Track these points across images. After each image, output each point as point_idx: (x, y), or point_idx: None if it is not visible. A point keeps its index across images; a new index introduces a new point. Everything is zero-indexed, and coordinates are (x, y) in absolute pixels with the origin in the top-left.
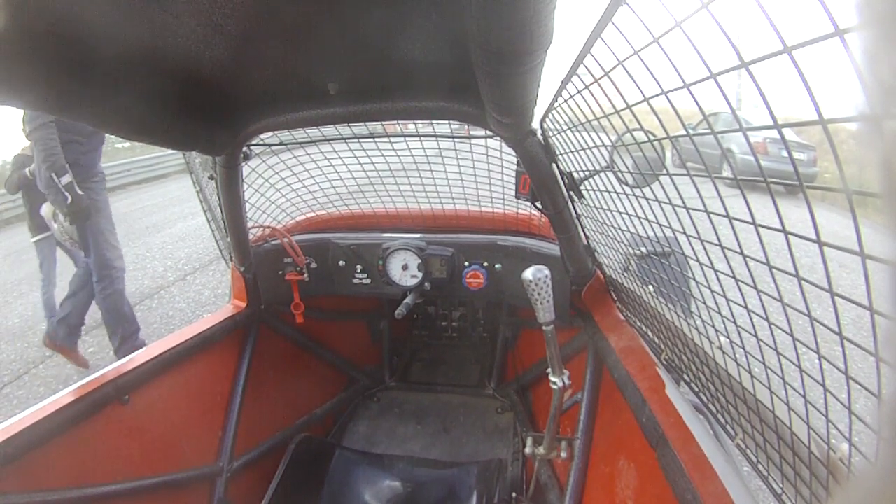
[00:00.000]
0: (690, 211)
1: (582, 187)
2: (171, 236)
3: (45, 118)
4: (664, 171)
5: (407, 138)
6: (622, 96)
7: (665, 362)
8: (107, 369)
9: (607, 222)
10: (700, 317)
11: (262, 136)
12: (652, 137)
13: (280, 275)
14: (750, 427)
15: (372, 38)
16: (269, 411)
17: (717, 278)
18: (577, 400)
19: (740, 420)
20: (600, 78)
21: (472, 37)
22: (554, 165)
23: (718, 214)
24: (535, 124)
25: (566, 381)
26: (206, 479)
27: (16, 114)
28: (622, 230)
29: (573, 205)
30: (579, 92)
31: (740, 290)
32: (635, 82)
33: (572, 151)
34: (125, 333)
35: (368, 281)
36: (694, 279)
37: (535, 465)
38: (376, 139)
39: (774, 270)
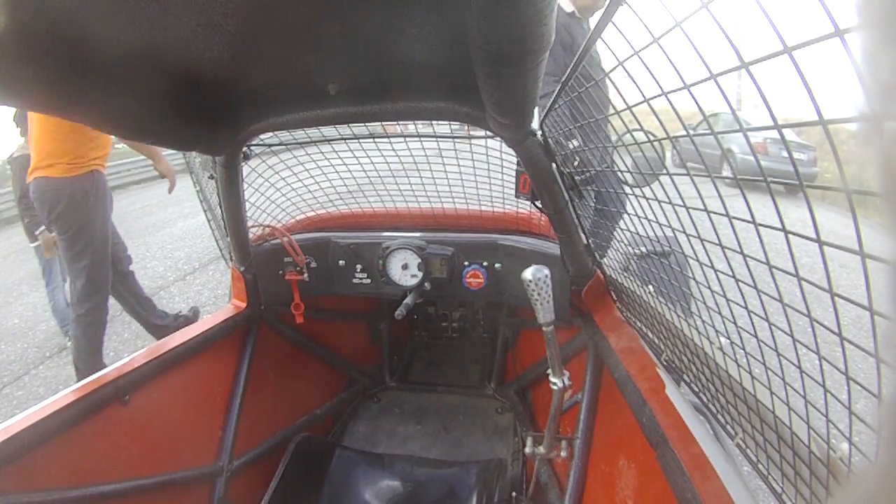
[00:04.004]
0: (690, 211)
1: (582, 187)
2: (170, 236)
3: None
4: (664, 171)
5: (407, 138)
6: (622, 96)
7: (665, 363)
8: (107, 369)
9: None
10: (700, 317)
11: (262, 136)
12: (652, 137)
13: (280, 275)
14: (750, 427)
15: (372, 39)
16: (269, 411)
17: (717, 278)
18: (577, 400)
19: (740, 420)
20: (600, 78)
21: (473, 37)
22: (554, 165)
23: (718, 214)
24: (535, 124)
25: (566, 382)
26: (206, 478)
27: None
28: (622, 230)
29: (573, 204)
30: (579, 92)
31: (740, 290)
32: (635, 82)
33: (572, 151)
34: None
35: (368, 281)
36: (694, 279)
37: (534, 464)
38: (376, 139)
39: (774, 270)
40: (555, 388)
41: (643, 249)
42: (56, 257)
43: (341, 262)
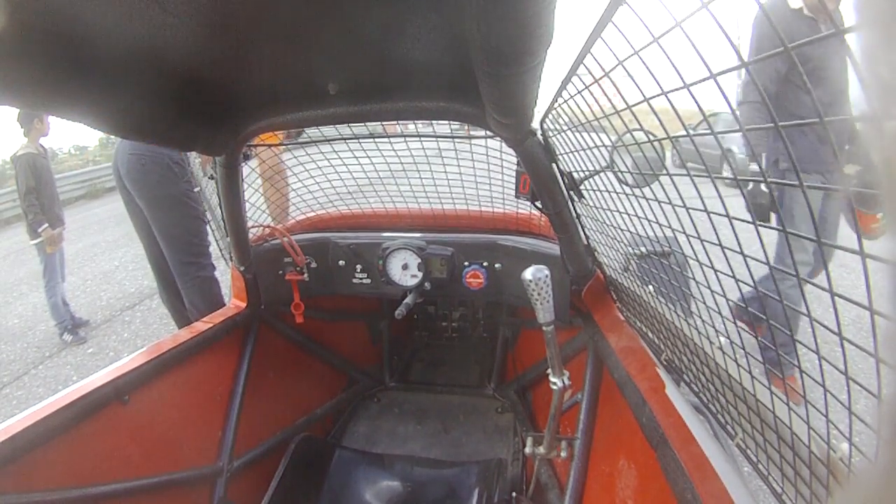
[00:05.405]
0: (690, 211)
1: (582, 187)
2: None
3: None
4: (664, 171)
5: (407, 138)
6: (622, 96)
7: (665, 363)
8: (107, 369)
9: (607, 222)
10: (700, 317)
11: (262, 135)
12: (652, 137)
13: (280, 275)
14: (750, 427)
15: (372, 38)
16: (269, 411)
17: (717, 278)
18: (577, 400)
19: (740, 420)
20: (600, 78)
21: (472, 37)
22: (554, 165)
23: (718, 214)
24: (535, 124)
25: (566, 382)
26: (207, 478)
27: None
28: (622, 230)
29: (573, 204)
30: (579, 92)
31: (740, 291)
32: (635, 82)
33: (572, 151)
34: None
35: (368, 281)
36: (694, 279)
37: (535, 464)
38: (376, 139)
39: (774, 270)
40: (555, 387)
41: (643, 250)
42: (57, 252)
43: (341, 263)
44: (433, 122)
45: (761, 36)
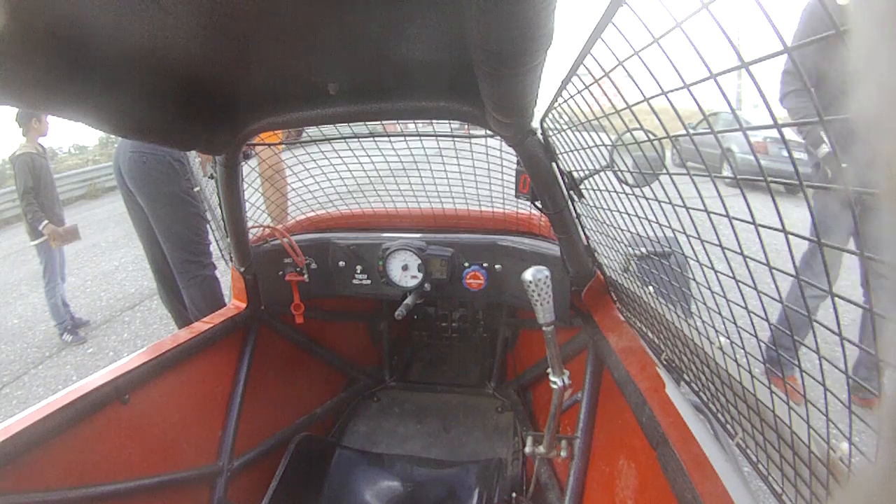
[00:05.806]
0: (690, 211)
1: (582, 187)
2: None
3: None
4: (664, 171)
5: (407, 138)
6: (622, 96)
7: (665, 362)
8: (107, 369)
9: (607, 222)
10: (700, 317)
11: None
12: (652, 137)
13: (280, 275)
14: (750, 426)
15: (372, 38)
16: (269, 411)
17: (717, 278)
18: (577, 400)
19: (740, 419)
20: (600, 78)
21: (472, 37)
22: (554, 165)
23: (718, 214)
24: (535, 124)
25: (566, 381)
26: (206, 478)
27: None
28: (622, 230)
29: (573, 204)
30: (579, 92)
31: (740, 290)
32: (635, 82)
33: (572, 151)
34: None
35: (368, 282)
36: (694, 279)
37: (535, 464)
38: (376, 139)
39: (774, 270)
40: (555, 387)
41: (643, 250)
42: (60, 248)
43: (341, 263)
44: (433, 121)
45: (803, 29)
